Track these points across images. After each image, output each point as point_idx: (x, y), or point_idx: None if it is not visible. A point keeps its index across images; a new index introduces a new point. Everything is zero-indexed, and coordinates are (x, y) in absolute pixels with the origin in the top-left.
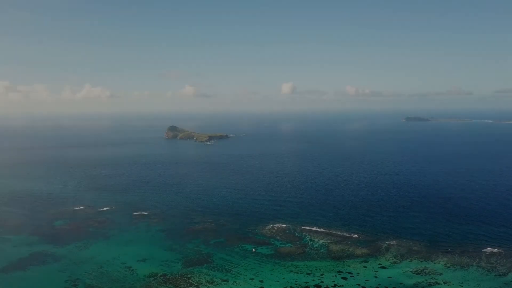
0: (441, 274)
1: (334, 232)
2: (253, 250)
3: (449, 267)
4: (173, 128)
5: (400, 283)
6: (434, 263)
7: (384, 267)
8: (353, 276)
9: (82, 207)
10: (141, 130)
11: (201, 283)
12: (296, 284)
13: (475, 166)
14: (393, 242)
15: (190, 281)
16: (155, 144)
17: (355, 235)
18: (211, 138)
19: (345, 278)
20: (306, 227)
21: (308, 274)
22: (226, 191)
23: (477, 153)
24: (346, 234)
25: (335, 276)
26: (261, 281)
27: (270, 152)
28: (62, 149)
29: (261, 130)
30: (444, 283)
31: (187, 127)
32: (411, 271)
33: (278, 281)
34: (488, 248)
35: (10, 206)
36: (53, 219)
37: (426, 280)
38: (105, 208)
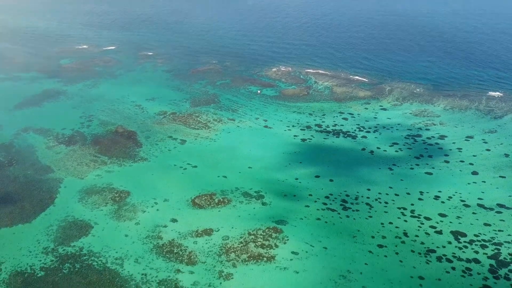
0: (438, 116)
1: (339, 74)
2: (258, 91)
3: (447, 110)
4: None
5: (398, 124)
6: (434, 106)
7: (384, 109)
8: (353, 117)
9: (85, 46)
10: None
11: (209, 121)
12: (298, 123)
13: (490, 7)
14: (396, 85)
15: (199, 119)
16: None
17: (359, 78)
18: None
19: (345, 119)
20: (311, 70)
21: (310, 114)
22: (229, 31)
23: None
24: (350, 77)
25: (336, 116)
26: (265, 120)
27: None
28: None
29: None
30: (440, 124)
31: None
32: (410, 113)
33: (281, 121)
34: (489, 92)
35: (13, 43)
36: (59, 57)
37: (423, 121)
38: (109, 48)
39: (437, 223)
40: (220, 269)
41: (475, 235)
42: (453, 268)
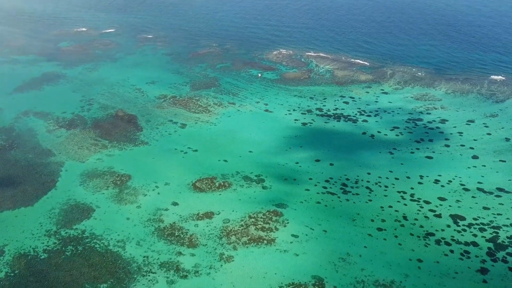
0: (440, 100)
1: (340, 58)
2: (259, 75)
3: (449, 94)
4: None
5: (399, 108)
6: (436, 90)
7: (386, 93)
8: (354, 101)
9: (83, 29)
10: None
11: (209, 105)
12: (299, 107)
13: None
14: (398, 69)
15: (199, 103)
16: None
17: (360, 61)
18: None
19: (346, 103)
20: (312, 53)
21: (311, 98)
22: (229, 14)
23: None
24: (351, 60)
25: (337, 100)
26: (266, 104)
27: None
28: None
29: None
30: (441, 108)
31: None
32: (412, 97)
33: (282, 105)
34: (491, 76)
35: (10, 26)
36: (57, 40)
37: (424, 105)
38: (108, 30)
39: (437, 206)
40: (221, 252)
41: (474, 219)
42: (452, 251)
